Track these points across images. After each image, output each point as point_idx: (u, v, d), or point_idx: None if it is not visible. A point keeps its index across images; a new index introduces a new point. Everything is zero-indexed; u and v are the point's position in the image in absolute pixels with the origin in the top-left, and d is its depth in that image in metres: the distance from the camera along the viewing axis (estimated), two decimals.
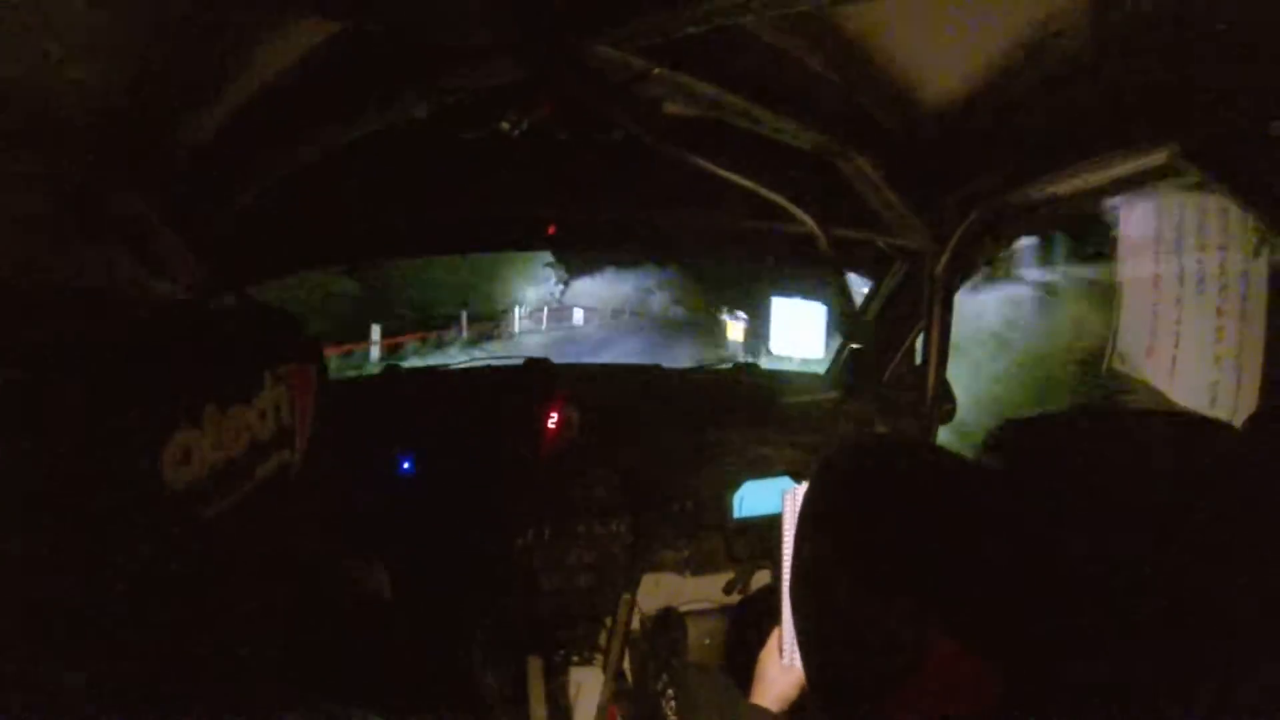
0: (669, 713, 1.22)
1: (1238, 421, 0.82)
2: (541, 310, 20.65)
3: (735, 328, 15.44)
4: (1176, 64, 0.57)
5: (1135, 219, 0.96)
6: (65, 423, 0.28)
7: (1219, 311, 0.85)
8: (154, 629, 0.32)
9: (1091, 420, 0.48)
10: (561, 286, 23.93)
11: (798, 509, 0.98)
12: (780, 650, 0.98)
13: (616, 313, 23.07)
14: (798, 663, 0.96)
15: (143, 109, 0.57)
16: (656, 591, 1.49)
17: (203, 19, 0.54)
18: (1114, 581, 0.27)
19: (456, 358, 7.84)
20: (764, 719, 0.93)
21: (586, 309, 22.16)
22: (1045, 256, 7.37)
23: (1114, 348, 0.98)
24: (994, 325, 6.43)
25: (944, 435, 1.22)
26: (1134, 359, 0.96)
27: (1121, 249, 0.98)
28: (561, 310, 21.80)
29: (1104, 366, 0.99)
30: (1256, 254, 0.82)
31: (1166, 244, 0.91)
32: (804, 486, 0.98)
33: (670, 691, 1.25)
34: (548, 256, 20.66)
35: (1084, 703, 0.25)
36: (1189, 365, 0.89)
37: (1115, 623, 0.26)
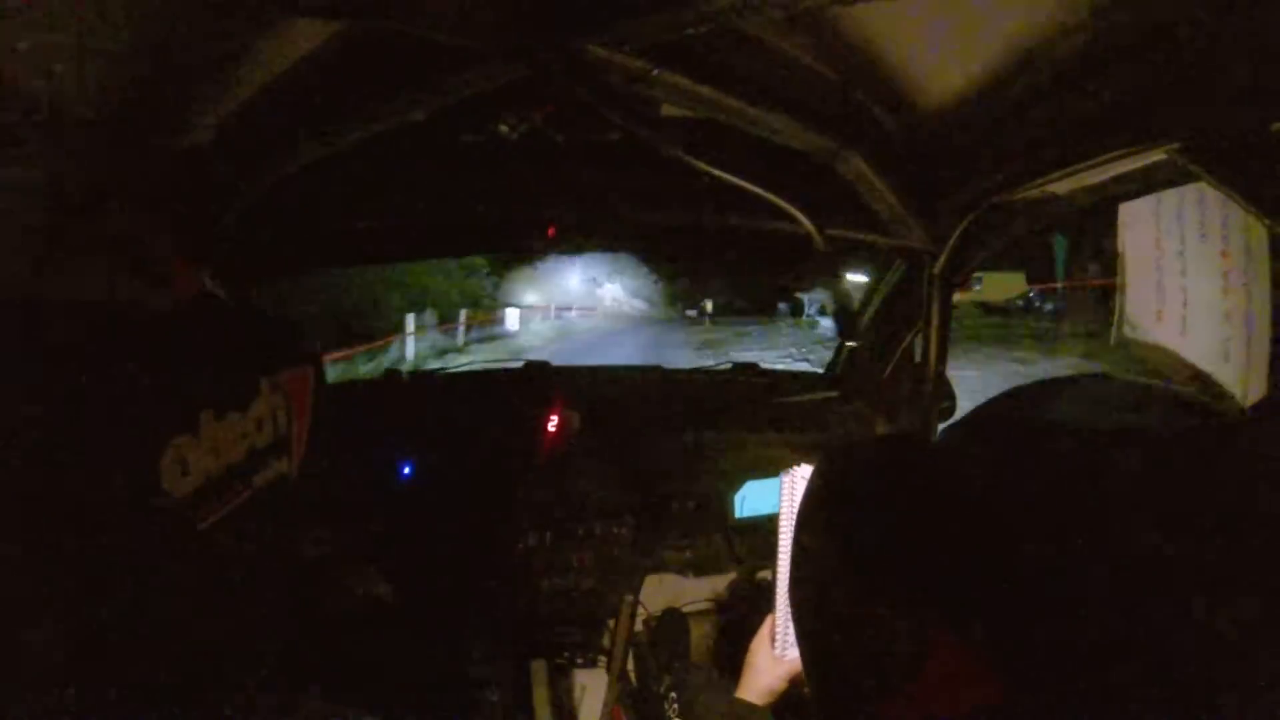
0: (672, 714, 1.21)
1: (1249, 382, 0.81)
2: (456, 316, 13.64)
3: None
4: (1176, 63, 0.58)
5: None
6: (64, 432, 0.27)
7: (1223, 255, 0.83)
8: (155, 634, 0.31)
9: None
10: (495, 280, 18.42)
11: (795, 499, 0.98)
12: (772, 639, 0.97)
13: (561, 309, 18.23)
14: (789, 654, 0.95)
15: (142, 111, 0.57)
16: (659, 592, 1.49)
17: (202, 21, 0.54)
18: (1119, 581, 0.27)
19: None
20: (750, 715, 0.93)
21: (524, 308, 16.68)
22: None
23: (1121, 314, 0.96)
24: None
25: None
26: (1143, 324, 0.93)
27: (1121, 211, 0.95)
28: (491, 315, 16.11)
29: (1112, 336, 0.97)
30: None
31: (1166, 200, 0.89)
32: (801, 471, 0.97)
33: (674, 694, 1.24)
34: None
35: (1087, 703, 0.25)
36: (1199, 322, 0.86)
37: (1120, 622, 0.26)
